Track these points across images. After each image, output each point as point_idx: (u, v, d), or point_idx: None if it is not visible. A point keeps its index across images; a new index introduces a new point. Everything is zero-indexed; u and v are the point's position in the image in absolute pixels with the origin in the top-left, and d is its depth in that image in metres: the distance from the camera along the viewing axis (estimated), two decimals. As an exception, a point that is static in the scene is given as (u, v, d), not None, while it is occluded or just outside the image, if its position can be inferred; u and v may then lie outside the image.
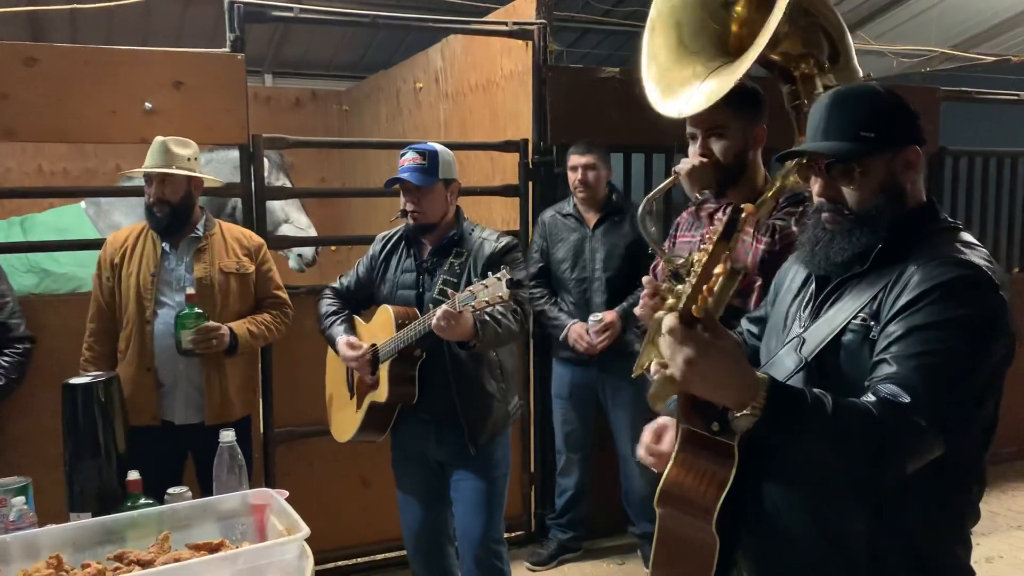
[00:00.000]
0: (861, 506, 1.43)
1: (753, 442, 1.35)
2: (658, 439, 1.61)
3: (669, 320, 1.26)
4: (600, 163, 3.67)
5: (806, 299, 1.58)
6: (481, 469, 2.72)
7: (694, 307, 1.25)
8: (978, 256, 1.42)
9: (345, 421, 2.88)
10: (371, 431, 2.79)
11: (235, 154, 3.75)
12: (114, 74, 3.29)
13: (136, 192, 3.23)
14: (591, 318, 3.56)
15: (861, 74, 2.32)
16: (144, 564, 1.74)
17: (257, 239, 3.22)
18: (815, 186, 1.54)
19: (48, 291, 4.22)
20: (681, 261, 1.47)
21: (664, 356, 1.28)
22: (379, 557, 3.83)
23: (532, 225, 4.00)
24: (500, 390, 2.74)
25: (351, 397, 2.85)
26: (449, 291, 2.44)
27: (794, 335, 1.54)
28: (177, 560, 1.74)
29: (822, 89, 2.20)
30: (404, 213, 2.72)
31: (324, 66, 7.92)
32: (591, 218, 3.72)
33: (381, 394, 2.67)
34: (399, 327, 2.62)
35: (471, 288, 2.33)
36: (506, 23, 4.07)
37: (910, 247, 1.44)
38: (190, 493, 2.07)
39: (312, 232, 5.29)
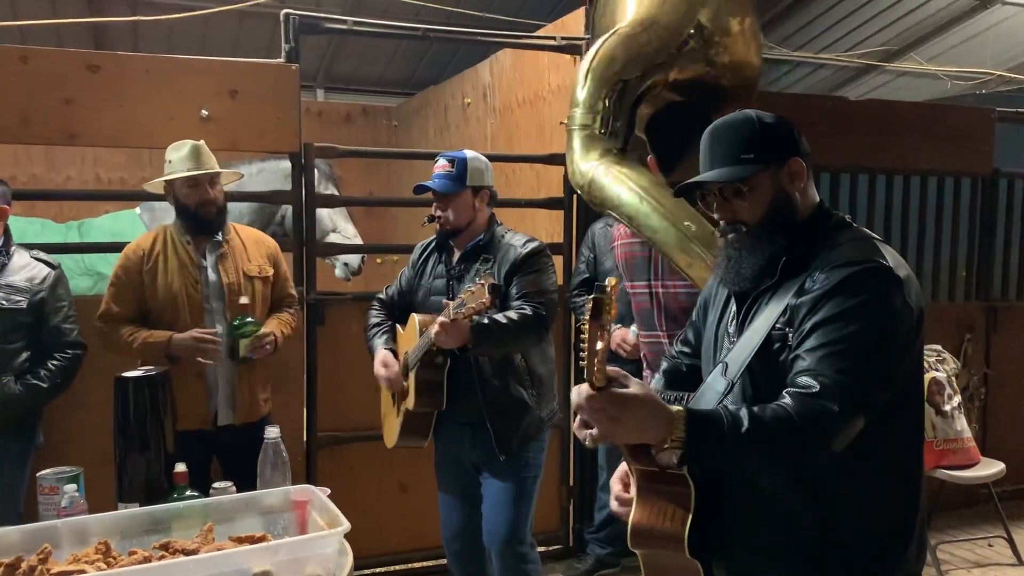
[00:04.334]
0: (806, 501, 1.54)
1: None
2: (626, 487, 1.69)
3: (581, 391, 1.41)
4: None
5: (731, 317, 1.69)
6: (510, 470, 2.74)
7: (595, 379, 1.38)
8: (869, 248, 1.55)
9: (390, 427, 2.92)
10: (411, 437, 2.82)
11: (286, 164, 3.82)
12: (172, 82, 3.39)
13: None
14: (634, 327, 3.54)
15: None
16: (188, 553, 1.77)
17: (272, 240, 3.19)
18: (717, 212, 1.65)
19: (102, 293, 4.32)
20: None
21: (586, 420, 1.43)
22: (417, 565, 3.84)
23: (576, 238, 4.01)
24: (532, 396, 2.74)
25: (393, 404, 2.89)
26: (443, 299, 2.48)
27: (722, 357, 1.64)
28: (220, 550, 1.77)
29: None
30: (431, 219, 2.77)
31: (375, 82, 8.04)
32: None
33: (409, 401, 2.71)
34: (422, 335, 2.65)
35: (462, 295, 2.40)
36: (555, 38, 4.10)
37: (812, 253, 1.57)
38: (234, 488, 2.11)
39: (358, 242, 5.35)
